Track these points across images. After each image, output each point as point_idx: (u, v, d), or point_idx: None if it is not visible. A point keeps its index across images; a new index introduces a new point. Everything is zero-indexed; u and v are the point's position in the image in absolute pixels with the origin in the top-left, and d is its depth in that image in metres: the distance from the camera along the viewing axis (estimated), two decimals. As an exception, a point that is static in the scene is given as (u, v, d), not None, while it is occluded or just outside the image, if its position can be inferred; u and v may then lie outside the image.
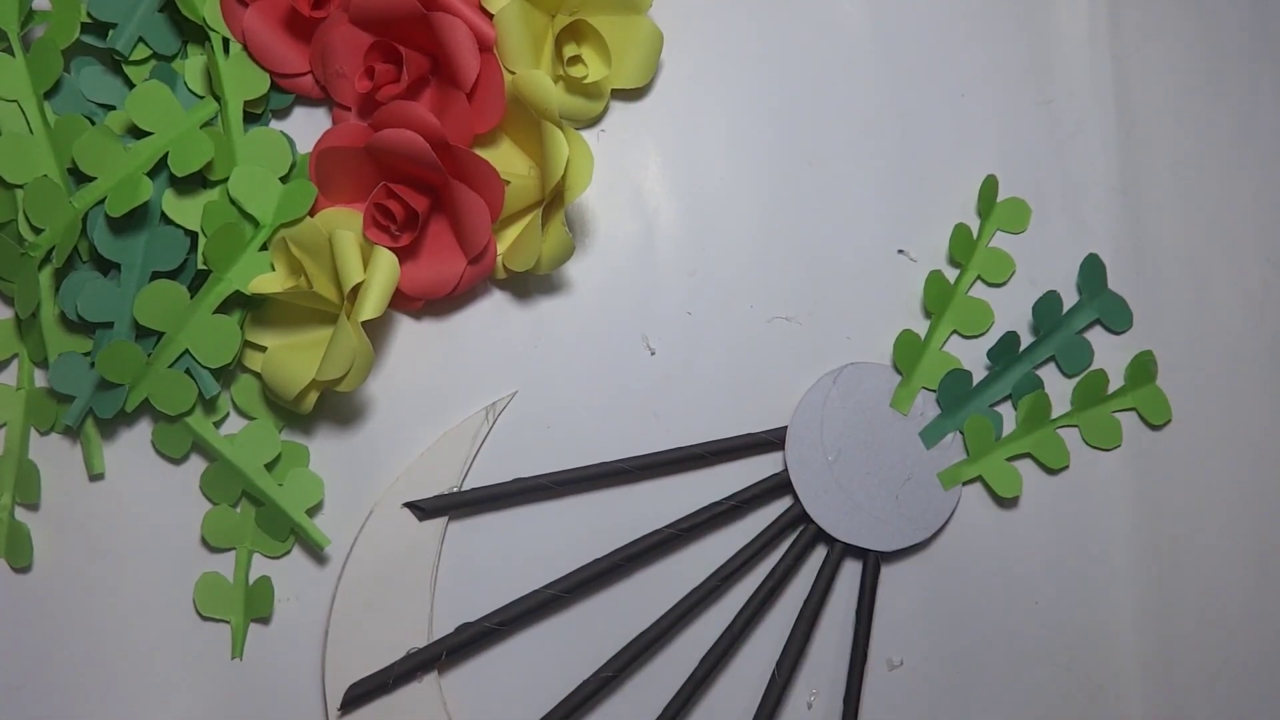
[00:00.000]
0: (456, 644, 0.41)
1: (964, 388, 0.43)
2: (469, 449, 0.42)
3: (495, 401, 0.43)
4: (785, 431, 0.43)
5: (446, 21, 0.40)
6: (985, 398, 0.44)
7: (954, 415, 0.44)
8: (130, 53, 0.42)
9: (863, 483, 0.43)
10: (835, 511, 0.42)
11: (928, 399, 0.44)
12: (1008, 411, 0.44)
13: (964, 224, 0.45)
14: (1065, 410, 0.44)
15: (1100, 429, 0.44)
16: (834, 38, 0.46)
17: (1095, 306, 0.44)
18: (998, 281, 0.45)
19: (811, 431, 0.43)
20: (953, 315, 0.44)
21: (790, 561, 0.42)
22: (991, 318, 0.45)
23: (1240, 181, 0.47)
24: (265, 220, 0.41)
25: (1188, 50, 0.47)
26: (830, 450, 0.43)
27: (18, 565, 0.42)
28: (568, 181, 0.40)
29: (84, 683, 0.41)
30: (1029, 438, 0.44)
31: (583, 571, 0.42)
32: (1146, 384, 0.45)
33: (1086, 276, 0.44)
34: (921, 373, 0.44)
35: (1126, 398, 0.45)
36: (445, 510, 0.42)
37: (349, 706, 0.40)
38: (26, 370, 0.42)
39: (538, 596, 0.41)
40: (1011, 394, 0.44)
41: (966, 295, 0.45)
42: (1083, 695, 0.44)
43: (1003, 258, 0.45)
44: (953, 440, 0.44)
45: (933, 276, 0.44)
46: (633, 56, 0.44)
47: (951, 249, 0.45)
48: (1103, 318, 0.45)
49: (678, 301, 0.44)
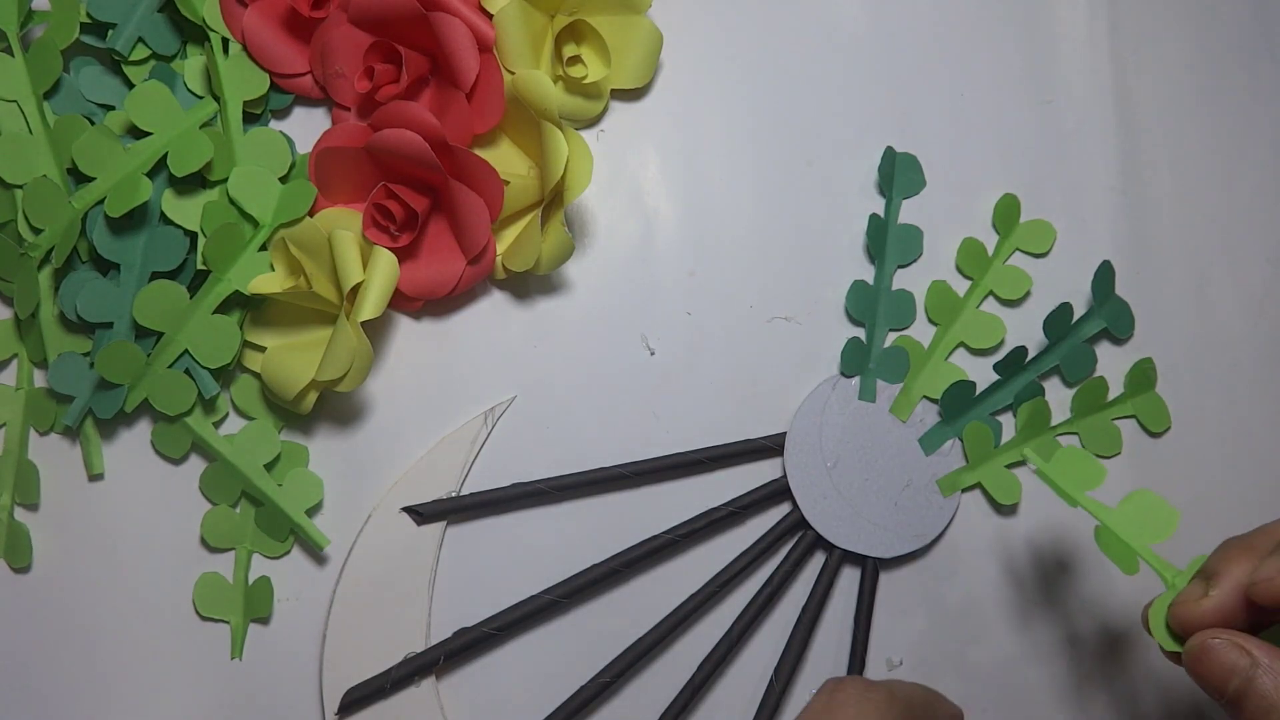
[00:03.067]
0: (454, 648, 0.41)
1: (968, 397, 0.43)
2: (467, 454, 0.42)
3: (494, 406, 0.43)
4: (784, 437, 0.43)
5: (446, 21, 0.40)
6: (987, 406, 0.44)
7: (954, 422, 0.43)
8: (130, 53, 0.42)
9: (862, 489, 0.43)
10: (834, 518, 0.42)
11: (927, 407, 0.44)
12: (1008, 421, 0.44)
13: (975, 239, 0.45)
14: (1066, 418, 0.44)
15: (1100, 436, 0.44)
16: (834, 38, 0.46)
17: (1104, 314, 0.44)
18: (1013, 299, 0.45)
19: (810, 438, 0.43)
20: (961, 328, 0.44)
21: (789, 567, 0.42)
22: (1002, 332, 0.44)
23: (1240, 181, 0.47)
24: (265, 220, 0.41)
25: (1188, 50, 0.47)
26: (829, 457, 0.43)
27: (17, 565, 0.42)
28: (567, 181, 0.40)
29: (84, 683, 0.41)
30: (1029, 445, 0.43)
31: (581, 576, 0.42)
32: (1146, 391, 0.45)
33: (1099, 283, 0.44)
34: (923, 381, 0.44)
35: (1126, 405, 0.45)
36: (443, 515, 0.42)
37: (346, 710, 0.40)
38: (26, 370, 0.42)
39: (536, 601, 0.41)
40: (1013, 402, 0.44)
41: (977, 310, 0.44)
42: (1083, 694, 0.44)
43: (1019, 275, 0.45)
44: (952, 447, 0.43)
45: (936, 286, 0.44)
46: (632, 56, 0.44)
47: (960, 263, 0.45)
48: (1109, 325, 0.44)
49: (678, 301, 0.44)
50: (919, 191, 0.45)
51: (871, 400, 0.43)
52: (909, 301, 0.44)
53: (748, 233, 0.45)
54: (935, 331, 0.44)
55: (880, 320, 0.44)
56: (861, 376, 0.44)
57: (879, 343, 0.44)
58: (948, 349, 0.44)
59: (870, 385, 0.44)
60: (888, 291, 0.44)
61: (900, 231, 0.45)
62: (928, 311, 0.44)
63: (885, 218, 0.45)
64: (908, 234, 0.45)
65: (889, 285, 0.44)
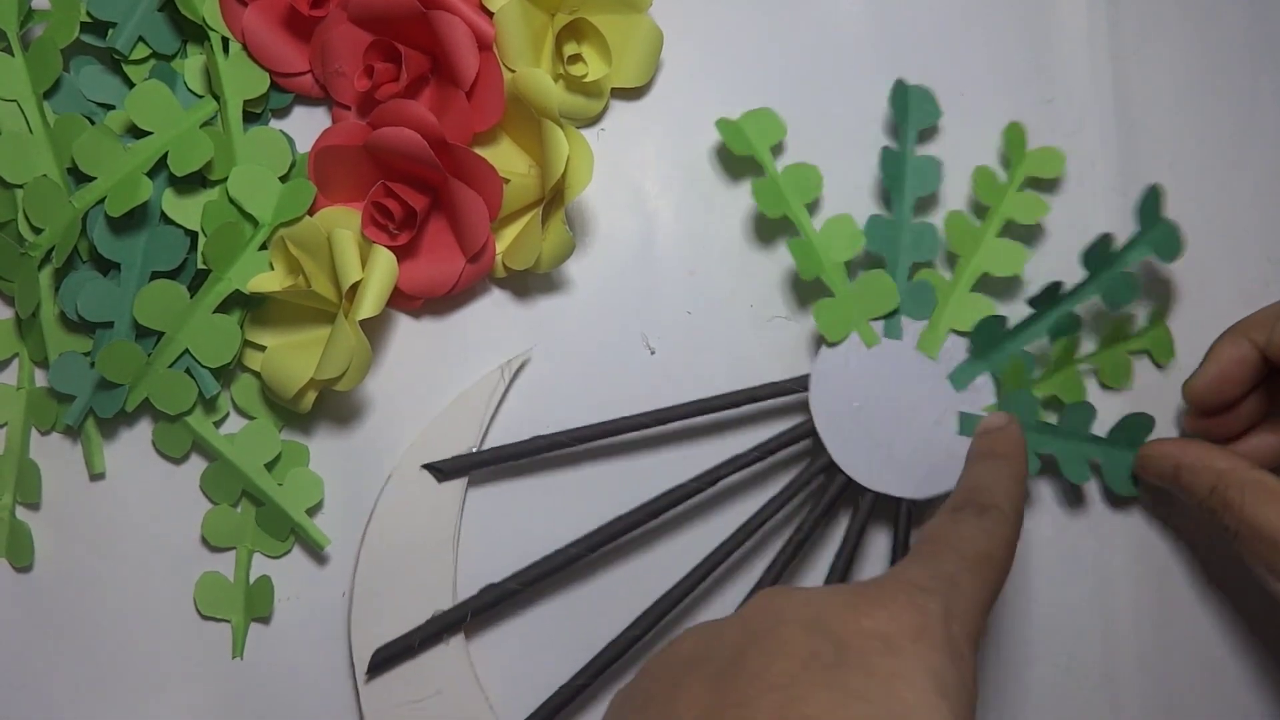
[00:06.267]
0: (482, 605, 0.40)
1: (998, 331, 0.42)
2: (486, 409, 0.42)
3: (510, 360, 0.43)
4: (808, 379, 0.42)
5: (446, 20, 0.40)
6: (1019, 341, 0.43)
7: (985, 357, 0.42)
8: (130, 52, 0.41)
9: (891, 429, 0.41)
10: (864, 460, 0.41)
11: (955, 341, 0.43)
12: (1034, 363, 0.44)
13: (988, 167, 0.44)
14: (1090, 351, 0.44)
15: (1115, 368, 0.44)
16: (834, 37, 0.46)
17: (1149, 239, 0.43)
18: (1030, 222, 0.44)
19: (835, 378, 0.42)
20: (982, 257, 0.43)
21: (819, 513, 0.41)
22: (1025, 257, 0.43)
23: (1240, 181, 0.47)
24: (265, 219, 0.41)
25: (1188, 50, 0.47)
26: (856, 397, 0.41)
27: (18, 565, 0.42)
28: (568, 180, 0.40)
29: (84, 682, 0.41)
30: (1056, 378, 0.43)
31: (607, 529, 0.41)
32: (1160, 323, 0.45)
33: (1146, 208, 0.43)
34: (949, 314, 0.43)
35: (1144, 338, 0.44)
36: (464, 471, 0.42)
37: (376, 670, 0.40)
38: (27, 370, 0.42)
39: (563, 555, 0.41)
40: (1050, 333, 0.43)
41: (996, 238, 0.44)
42: (1082, 695, 0.44)
43: (1034, 200, 0.44)
44: (984, 382, 0.42)
45: (953, 217, 0.43)
46: (633, 55, 0.44)
47: (977, 190, 0.44)
48: (1156, 251, 0.43)
49: (678, 301, 0.44)
50: (934, 122, 0.44)
51: (898, 338, 0.42)
52: (931, 233, 0.43)
53: (748, 232, 0.45)
54: (958, 263, 0.43)
55: (903, 254, 0.43)
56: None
57: (902, 277, 0.43)
58: (972, 279, 0.43)
59: (895, 321, 0.43)
60: (909, 224, 0.43)
61: (918, 163, 0.44)
62: (947, 243, 0.44)
63: (901, 149, 0.44)
64: (925, 165, 0.44)
65: (909, 217, 0.43)
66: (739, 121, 0.43)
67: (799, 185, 0.43)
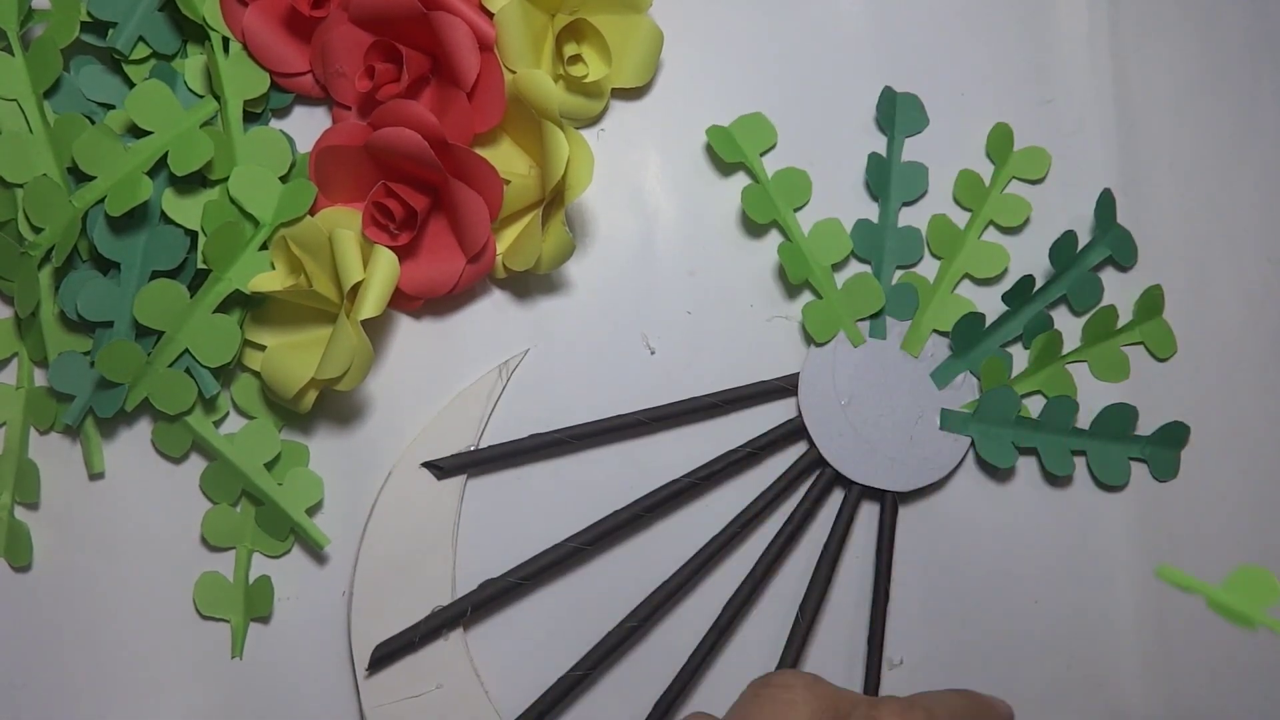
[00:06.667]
0: (481, 600, 0.41)
1: (978, 329, 0.43)
2: (484, 408, 0.42)
3: (508, 359, 0.43)
4: (798, 378, 0.43)
5: (446, 21, 0.40)
6: (997, 338, 0.44)
7: (966, 355, 0.44)
8: (130, 52, 0.41)
9: (876, 425, 0.43)
10: (850, 454, 0.43)
11: (937, 342, 0.44)
12: (1018, 355, 0.45)
13: (971, 170, 0.45)
14: (1075, 347, 0.45)
15: (1109, 363, 0.45)
16: (834, 37, 0.46)
17: (1107, 242, 0.45)
18: (1013, 225, 0.45)
19: (823, 377, 0.43)
20: (965, 259, 0.44)
21: (809, 505, 0.43)
22: (1006, 260, 0.44)
23: (1240, 181, 0.47)
24: (265, 219, 0.41)
25: (1188, 50, 0.47)
26: (843, 394, 0.43)
27: (17, 564, 0.42)
28: (568, 181, 0.40)
29: (84, 683, 0.41)
30: (1040, 374, 0.44)
31: (603, 523, 0.42)
32: (1154, 317, 0.45)
33: (1101, 212, 0.44)
34: (931, 315, 0.44)
35: (1134, 331, 0.45)
36: (464, 468, 0.42)
37: (376, 666, 0.40)
38: (26, 369, 0.42)
39: (560, 549, 0.42)
40: (1023, 333, 0.44)
41: (979, 240, 0.45)
42: (1082, 694, 0.44)
43: (1018, 202, 0.45)
44: (964, 380, 0.44)
45: (936, 220, 0.44)
46: (633, 56, 0.44)
47: (958, 195, 0.45)
48: (1113, 253, 0.45)
49: (678, 301, 0.44)
50: (921, 130, 0.45)
51: (882, 337, 0.44)
52: (915, 237, 0.45)
53: (748, 232, 0.45)
54: (940, 265, 0.45)
55: (887, 258, 0.44)
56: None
57: (887, 280, 0.44)
58: (953, 281, 0.44)
59: (880, 322, 0.44)
60: (893, 228, 0.44)
61: (904, 169, 0.45)
62: (929, 245, 0.45)
63: (888, 156, 0.45)
64: (912, 171, 0.45)
65: (894, 222, 0.45)
66: (729, 128, 0.44)
67: (788, 190, 0.45)
